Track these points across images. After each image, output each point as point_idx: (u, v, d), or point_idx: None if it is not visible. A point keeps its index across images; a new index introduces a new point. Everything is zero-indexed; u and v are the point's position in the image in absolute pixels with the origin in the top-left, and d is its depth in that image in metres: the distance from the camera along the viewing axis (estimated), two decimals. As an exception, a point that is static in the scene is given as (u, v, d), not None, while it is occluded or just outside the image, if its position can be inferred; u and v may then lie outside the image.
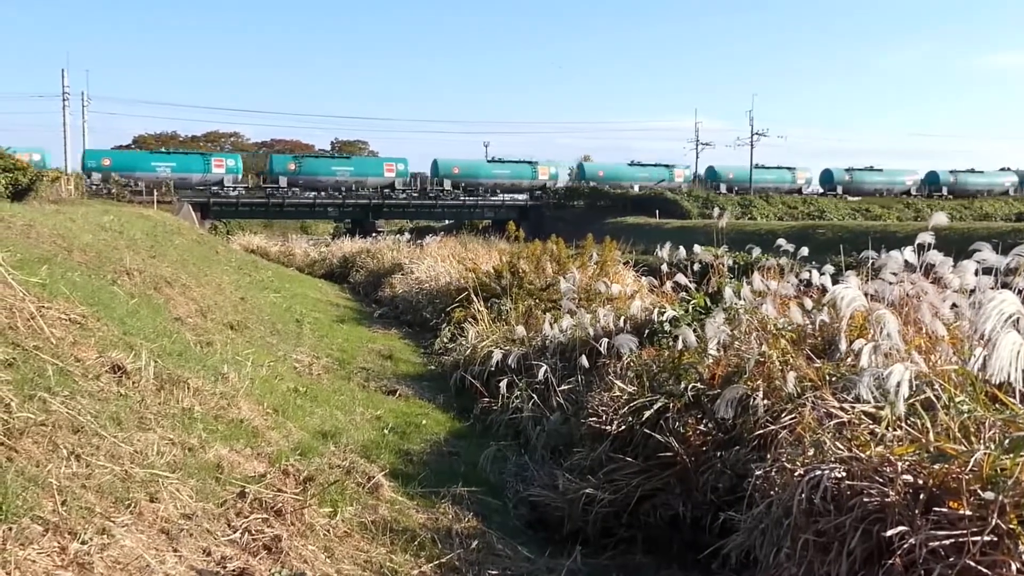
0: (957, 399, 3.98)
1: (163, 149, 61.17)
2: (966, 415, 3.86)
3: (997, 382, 3.39)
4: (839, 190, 64.77)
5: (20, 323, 5.49)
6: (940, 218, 6.45)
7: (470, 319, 13.05)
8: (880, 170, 67.18)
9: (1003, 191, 67.41)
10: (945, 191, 66.24)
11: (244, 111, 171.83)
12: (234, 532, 4.36)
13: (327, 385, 9.70)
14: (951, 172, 67.75)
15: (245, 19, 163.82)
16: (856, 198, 62.78)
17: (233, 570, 3.99)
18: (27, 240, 9.96)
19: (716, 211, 11.87)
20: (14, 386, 4.50)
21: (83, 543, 3.49)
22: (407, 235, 40.23)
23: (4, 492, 3.49)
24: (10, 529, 3.29)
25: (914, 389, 3.91)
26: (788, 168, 67.72)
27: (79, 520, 3.65)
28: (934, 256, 6.12)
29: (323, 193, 56.10)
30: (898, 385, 3.69)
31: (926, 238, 5.98)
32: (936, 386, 4.08)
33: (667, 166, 64.74)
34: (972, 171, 68.09)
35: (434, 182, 59.70)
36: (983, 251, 5.55)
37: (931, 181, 67.46)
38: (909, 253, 6.03)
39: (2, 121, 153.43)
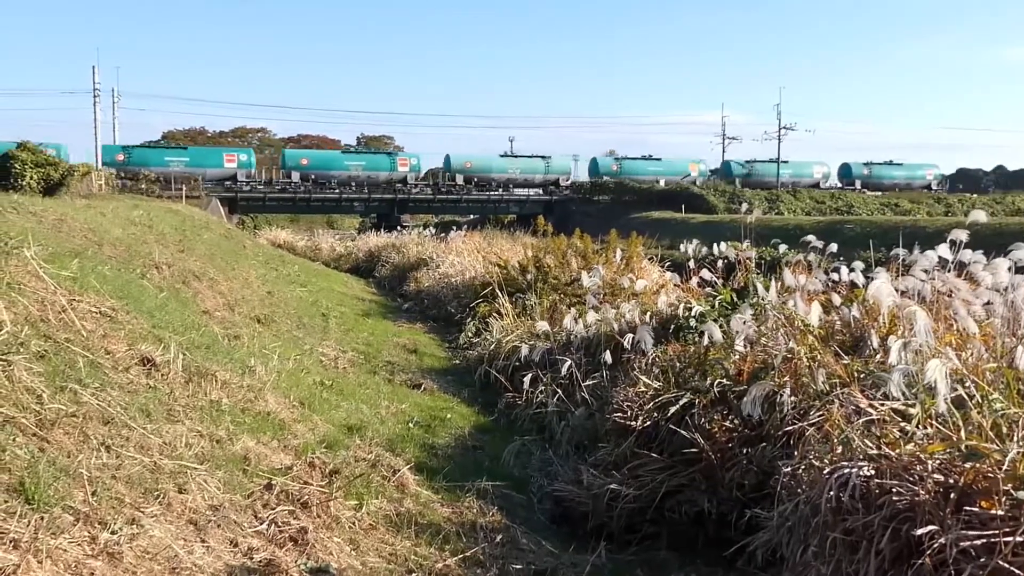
0: (990, 397, 3.91)
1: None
2: (999, 413, 3.79)
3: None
4: (740, 183, 61.60)
5: (52, 316, 5.57)
6: (978, 215, 6.29)
7: (495, 314, 13.05)
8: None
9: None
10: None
11: (271, 107, 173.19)
12: (261, 524, 4.40)
13: (353, 379, 9.75)
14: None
15: (273, 15, 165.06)
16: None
17: (260, 561, 4.02)
18: (58, 234, 10.10)
19: (744, 206, 11.78)
20: (46, 378, 4.57)
21: (113, 533, 3.54)
22: (431, 229, 40.30)
23: (36, 482, 3.54)
24: (42, 518, 3.34)
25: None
26: (681, 160, 65.23)
27: (109, 510, 3.70)
28: (966, 253, 6.01)
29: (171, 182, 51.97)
30: (935, 381, 3.61)
31: (959, 234, 5.87)
32: (968, 383, 4.02)
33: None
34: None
35: (283, 175, 57.54)
36: (1018, 249, 5.45)
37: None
38: (943, 249, 5.92)
39: (32, 117, 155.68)
